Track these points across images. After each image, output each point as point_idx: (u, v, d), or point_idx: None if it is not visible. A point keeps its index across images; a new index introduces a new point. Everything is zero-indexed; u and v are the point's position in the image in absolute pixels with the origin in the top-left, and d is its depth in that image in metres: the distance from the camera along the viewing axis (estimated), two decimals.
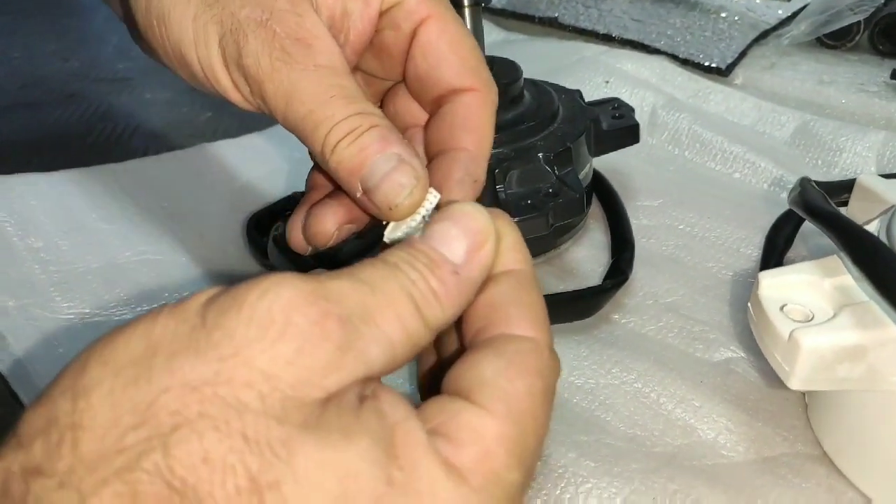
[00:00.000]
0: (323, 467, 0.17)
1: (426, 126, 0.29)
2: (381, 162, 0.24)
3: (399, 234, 0.25)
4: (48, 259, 0.46)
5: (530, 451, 0.20)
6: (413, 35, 0.28)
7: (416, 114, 0.29)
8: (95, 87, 0.82)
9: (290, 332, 0.17)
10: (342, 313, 0.18)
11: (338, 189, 0.27)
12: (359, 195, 0.25)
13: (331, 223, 0.28)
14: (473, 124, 0.27)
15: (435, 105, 0.28)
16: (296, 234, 0.29)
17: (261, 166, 0.57)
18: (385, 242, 0.25)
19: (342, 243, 0.29)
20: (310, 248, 0.29)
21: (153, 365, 0.17)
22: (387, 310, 0.19)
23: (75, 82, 0.84)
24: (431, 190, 0.25)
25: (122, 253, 0.47)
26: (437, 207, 0.25)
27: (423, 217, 0.25)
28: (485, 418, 0.19)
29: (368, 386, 0.19)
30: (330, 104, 0.25)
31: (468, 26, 0.41)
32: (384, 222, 0.25)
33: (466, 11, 0.40)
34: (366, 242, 0.33)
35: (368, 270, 0.20)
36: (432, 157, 0.28)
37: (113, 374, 0.17)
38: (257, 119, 0.66)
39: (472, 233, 0.22)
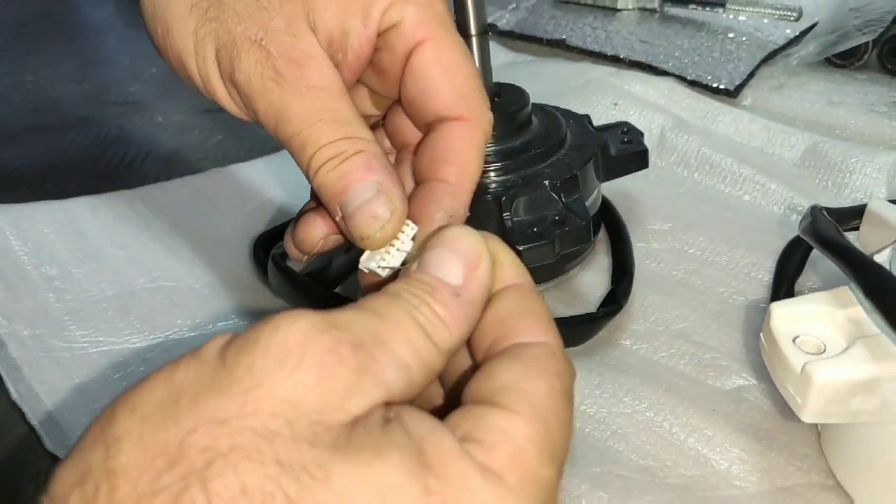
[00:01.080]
0: (360, 484, 0.17)
1: (416, 149, 0.29)
2: (359, 190, 0.25)
3: (373, 264, 0.25)
4: (62, 287, 0.46)
5: (560, 448, 0.20)
6: (408, 58, 0.28)
7: (414, 132, 0.29)
8: (107, 111, 0.83)
9: (307, 360, 0.18)
10: (354, 340, 0.19)
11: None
12: (337, 219, 0.26)
13: (317, 232, 0.28)
14: (457, 156, 0.27)
15: (427, 129, 0.28)
16: (289, 242, 0.30)
17: (273, 189, 0.57)
18: (362, 270, 0.26)
19: (329, 257, 0.29)
20: (304, 258, 0.30)
21: (179, 407, 0.17)
22: (397, 335, 0.20)
23: (88, 105, 0.85)
24: (408, 222, 0.26)
25: (136, 280, 0.47)
26: (413, 238, 0.25)
27: (398, 248, 0.25)
28: (512, 419, 0.19)
29: (391, 410, 0.19)
30: (317, 127, 0.26)
31: (476, 55, 0.41)
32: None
33: (474, 41, 0.41)
34: (352, 257, 0.33)
35: (373, 301, 0.21)
36: (418, 183, 0.28)
37: (141, 420, 0.17)
38: (269, 141, 0.67)
39: (465, 254, 0.22)
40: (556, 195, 0.40)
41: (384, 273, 0.25)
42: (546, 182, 0.40)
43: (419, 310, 0.21)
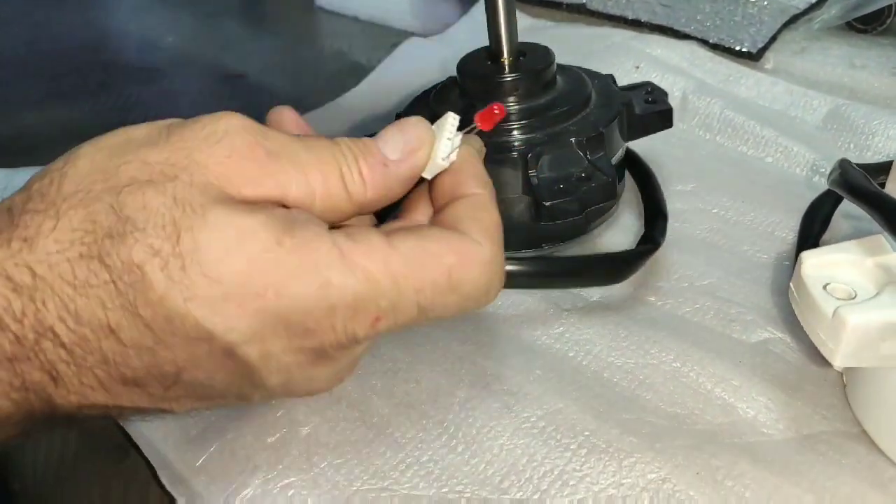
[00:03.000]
0: (228, 224, 0.22)
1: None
2: None
3: (435, 165, 0.28)
4: None
5: (409, 283, 0.24)
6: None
7: None
8: (126, 78, 0.83)
9: (225, 142, 0.24)
10: (272, 148, 0.24)
11: None
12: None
13: None
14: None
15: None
16: None
17: None
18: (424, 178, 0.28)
19: None
20: None
21: (126, 149, 0.24)
22: (315, 167, 0.25)
23: (106, 73, 0.85)
24: (451, 114, 0.28)
25: None
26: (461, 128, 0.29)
27: (449, 139, 0.28)
28: (382, 239, 0.24)
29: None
30: None
31: (501, 11, 0.41)
32: None
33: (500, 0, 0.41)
34: None
35: (312, 139, 0.25)
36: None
37: (96, 150, 0.24)
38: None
39: (410, 139, 0.27)
40: (581, 153, 0.40)
41: (447, 163, 0.28)
42: (572, 139, 0.40)
43: (346, 160, 0.25)
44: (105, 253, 0.22)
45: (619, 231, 0.45)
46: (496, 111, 0.28)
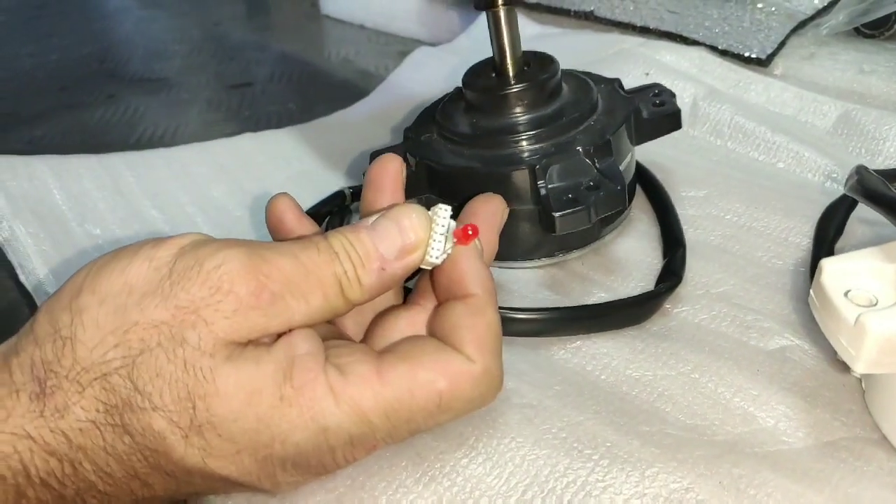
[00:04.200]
0: (237, 386, 0.24)
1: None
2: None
3: (428, 262, 0.29)
4: (107, 248, 0.47)
5: (400, 416, 0.26)
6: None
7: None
8: (134, 88, 0.84)
9: (231, 297, 0.24)
10: (275, 289, 0.25)
11: None
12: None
13: None
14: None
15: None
16: None
17: (312, 158, 0.58)
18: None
19: None
20: None
21: (129, 302, 0.24)
22: (317, 290, 0.26)
23: (114, 84, 0.85)
24: (442, 206, 0.28)
25: None
26: (454, 217, 0.29)
27: (443, 235, 0.28)
28: (372, 371, 0.26)
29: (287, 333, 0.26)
30: None
31: (503, 26, 0.41)
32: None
33: (501, 11, 0.41)
34: None
35: (311, 253, 0.26)
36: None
37: (99, 302, 0.24)
38: (298, 117, 0.67)
39: (408, 239, 0.28)
40: (589, 161, 0.40)
41: (440, 261, 0.29)
42: (579, 148, 0.40)
43: (346, 274, 0.26)
44: (127, 422, 0.24)
45: (633, 236, 0.45)
46: (470, 232, 0.29)
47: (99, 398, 0.24)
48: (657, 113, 0.45)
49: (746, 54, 0.60)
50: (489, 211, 0.33)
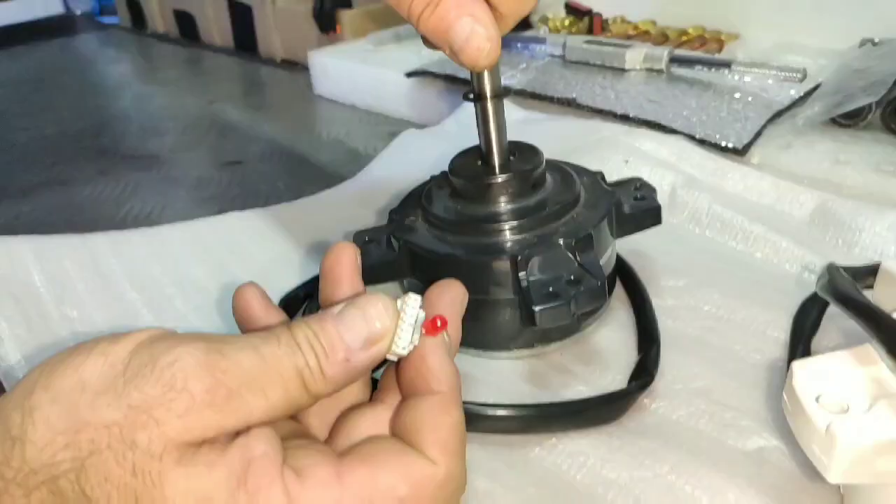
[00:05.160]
0: (186, 493, 0.23)
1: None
2: (458, 29, 0.32)
3: (394, 350, 0.28)
4: (83, 332, 0.46)
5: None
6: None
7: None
8: (125, 165, 0.85)
9: (185, 395, 0.23)
10: (232, 386, 0.24)
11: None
12: (448, 53, 0.34)
13: None
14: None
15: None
16: None
17: (296, 238, 0.58)
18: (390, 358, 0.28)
19: None
20: None
21: (81, 401, 0.23)
22: (277, 385, 0.25)
23: (105, 160, 0.87)
24: (412, 296, 0.28)
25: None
26: (422, 306, 0.28)
27: (407, 323, 0.28)
28: (332, 475, 0.25)
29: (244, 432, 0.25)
30: None
31: (491, 117, 0.42)
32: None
33: (489, 103, 0.42)
34: None
35: (271, 345, 0.25)
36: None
37: (51, 400, 0.23)
38: (285, 195, 0.68)
39: (374, 329, 0.27)
40: (571, 254, 0.40)
41: (406, 352, 0.28)
42: (561, 241, 0.40)
43: (308, 365, 0.25)
44: None
45: (612, 326, 0.45)
46: (439, 324, 0.29)
47: (45, 501, 0.23)
48: (638, 207, 0.45)
49: (723, 144, 0.61)
50: (451, 299, 0.32)
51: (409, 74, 0.86)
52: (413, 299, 0.28)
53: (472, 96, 0.42)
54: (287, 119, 0.97)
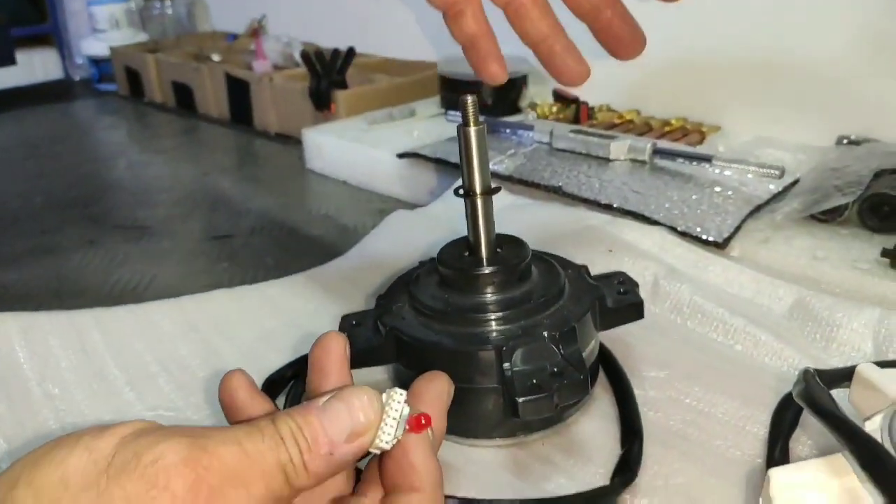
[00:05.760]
0: None
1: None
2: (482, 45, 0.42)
3: (377, 447, 0.28)
4: (63, 409, 0.46)
5: None
6: None
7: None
8: (115, 235, 0.85)
9: (167, 494, 0.24)
10: (214, 483, 0.24)
11: None
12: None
13: None
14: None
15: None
16: None
17: (283, 316, 0.58)
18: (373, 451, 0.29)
19: None
20: None
21: (63, 498, 0.24)
22: (259, 480, 0.25)
23: (95, 229, 0.87)
24: (397, 390, 0.29)
25: (134, 408, 0.47)
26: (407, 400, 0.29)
27: (392, 417, 0.28)
28: None
29: None
30: None
31: (479, 212, 0.44)
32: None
33: (478, 200, 0.43)
34: None
35: (255, 440, 0.26)
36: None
37: (33, 496, 0.24)
38: (273, 272, 0.68)
39: (357, 422, 0.27)
40: (554, 347, 0.41)
41: (390, 446, 0.28)
42: (545, 333, 0.41)
43: (292, 460, 0.26)
44: None
45: (594, 416, 0.46)
46: (423, 421, 0.29)
47: None
48: (621, 301, 0.47)
49: (704, 237, 0.63)
50: (437, 392, 0.32)
51: (401, 156, 0.88)
52: (398, 394, 0.29)
53: (462, 192, 0.43)
54: (279, 193, 0.99)
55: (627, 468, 0.40)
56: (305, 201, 0.95)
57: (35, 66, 1.78)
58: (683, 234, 0.63)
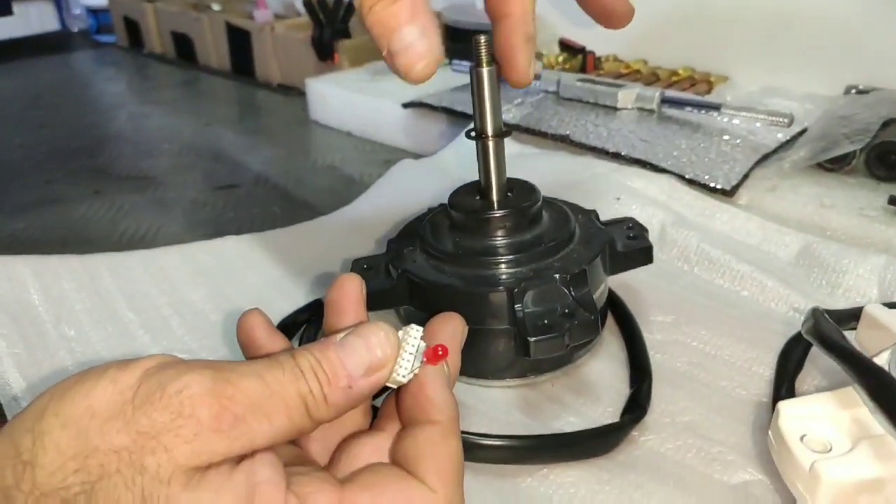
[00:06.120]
0: None
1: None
2: (406, 33, 0.31)
3: (395, 381, 0.29)
4: (80, 350, 0.47)
5: None
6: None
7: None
8: (120, 185, 0.85)
9: (192, 421, 0.24)
10: (238, 412, 0.25)
11: None
12: (384, 54, 0.31)
13: None
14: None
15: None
16: None
17: (292, 263, 0.59)
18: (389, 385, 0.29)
19: None
20: None
21: (91, 427, 0.24)
22: (281, 411, 0.26)
23: (100, 179, 0.87)
24: (413, 326, 0.29)
25: (149, 349, 0.48)
26: (422, 336, 0.29)
27: (409, 353, 0.29)
28: (334, 502, 0.26)
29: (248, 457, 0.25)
30: None
31: (491, 155, 0.44)
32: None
33: (490, 142, 0.43)
34: None
35: (276, 372, 0.26)
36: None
37: (61, 426, 0.24)
38: (280, 221, 0.69)
39: (375, 357, 0.28)
40: (565, 289, 0.41)
41: (407, 380, 0.29)
42: (556, 276, 0.41)
43: (312, 392, 0.26)
44: None
45: (603, 359, 0.46)
46: (440, 352, 0.30)
47: None
48: (631, 246, 0.47)
49: (712, 184, 0.63)
50: (451, 331, 0.33)
51: (406, 105, 0.88)
52: (415, 329, 0.29)
53: (473, 134, 0.43)
54: (282, 144, 0.98)
55: (637, 405, 0.40)
56: (310, 153, 0.94)
57: (31, 17, 1.75)
58: (691, 182, 0.63)
